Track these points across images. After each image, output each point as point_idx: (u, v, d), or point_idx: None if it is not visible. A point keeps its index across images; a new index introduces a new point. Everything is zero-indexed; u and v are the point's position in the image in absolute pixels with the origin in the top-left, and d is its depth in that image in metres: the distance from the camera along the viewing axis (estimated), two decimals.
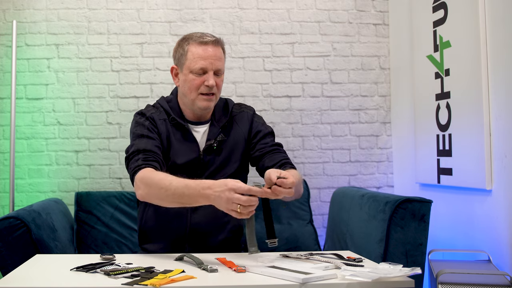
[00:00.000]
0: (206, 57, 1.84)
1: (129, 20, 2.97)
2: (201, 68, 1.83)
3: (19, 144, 2.87)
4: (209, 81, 1.83)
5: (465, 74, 2.29)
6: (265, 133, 1.96)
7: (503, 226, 2.05)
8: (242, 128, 1.96)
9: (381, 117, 3.09)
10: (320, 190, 3.03)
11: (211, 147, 1.89)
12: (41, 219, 2.14)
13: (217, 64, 1.85)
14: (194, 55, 1.84)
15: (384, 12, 3.10)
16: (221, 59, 1.87)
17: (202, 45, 1.85)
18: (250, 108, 2.04)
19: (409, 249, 2.02)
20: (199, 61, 1.84)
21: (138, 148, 1.81)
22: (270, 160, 1.89)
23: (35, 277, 1.39)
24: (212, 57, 1.84)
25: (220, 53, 1.87)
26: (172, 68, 1.94)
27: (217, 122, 1.94)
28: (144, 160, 1.77)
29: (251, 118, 1.99)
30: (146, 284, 1.25)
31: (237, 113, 1.99)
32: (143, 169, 1.74)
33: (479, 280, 1.82)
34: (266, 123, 2.03)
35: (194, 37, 1.87)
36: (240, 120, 1.97)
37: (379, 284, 1.29)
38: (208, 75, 1.84)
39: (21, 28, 2.90)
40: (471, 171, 2.24)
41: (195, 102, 1.87)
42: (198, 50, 1.84)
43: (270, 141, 1.96)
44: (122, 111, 2.94)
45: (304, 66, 3.05)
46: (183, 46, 1.89)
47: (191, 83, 1.85)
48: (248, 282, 1.31)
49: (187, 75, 1.86)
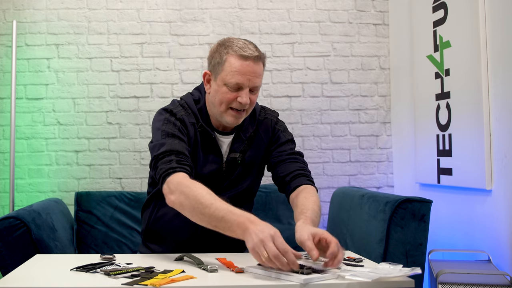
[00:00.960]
0: (244, 73, 1.69)
1: (129, 20, 2.97)
2: (237, 83, 1.70)
3: (19, 144, 2.87)
4: (243, 99, 1.70)
5: (465, 74, 2.29)
6: (283, 141, 1.88)
7: (503, 226, 2.05)
8: (264, 138, 1.89)
9: (381, 117, 3.09)
10: (320, 190, 3.03)
11: (235, 160, 1.82)
12: (41, 219, 2.14)
13: (254, 81, 1.71)
14: (232, 68, 1.70)
15: (384, 12, 3.10)
16: (260, 75, 1.73)
17: (242, 59, 1.70)
18: (274, 114, 1.95)
19: (409, 249, 2.02)
20: (236, 76, 1.70)
21: (171, 148, 1.67)
22: (283, 170, 1.81)
23: (35, 277, 1.39)
24: (251, 73, 1.70)
25: (260, 69, 1.73)
26: (205, 73, 1.80)
27: (243, 132, 1.85)
28: (178, 162, 1.64)
29: (274, 126, 1.91)
30: (146, 284, 1.25)
31: (261, 121, 1.90)
32: (178, 173, 1.61)
33: (479, 280, 1.82)
34: (288, 130, 1.95)
35: (235, 48, 1.72)
36: (263, 129, 1.89)
37: (379, 284, 1.28)
38: (243, 92, 1.71)
39: (21, 28, 2.90)
40: (471, 171, 2.24)
41: (223, 116, 1.76)
42: (237, 64, 1.70)
43: (289, 149, 1.87)
44: (122, 111, 2.94)
45: (304, 66, 3.05)
46: (221, 53, 1.74)
47: (222, 96, 1.73)
48: (248, 282, 1.30)
49: (221, 87, 1.73)
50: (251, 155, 1.86)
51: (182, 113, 1.78)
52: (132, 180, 2.93)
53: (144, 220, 1.93)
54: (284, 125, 1.95)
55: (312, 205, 1.64)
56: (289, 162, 1.83)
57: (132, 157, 2.92)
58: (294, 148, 1.89)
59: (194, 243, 1.81)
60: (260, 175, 1.93)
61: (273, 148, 1.88)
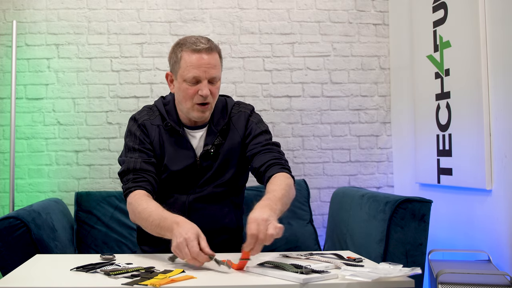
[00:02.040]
0: (199, 66, 1.76)
1: (129, 20, 2.97)
2: (194, 77, 1.77)
3: (19, 144, 2.87)
4: (203, 91, 1.77)
5: (465, 74, 2.29)
6: (257, 132, 1.90)
7: (503, 226, 2.05)
8: (239, 130, 1.91)
9: (381, 117, 3.09)
10: (320, 190, 3.03)
11: (208, 152, 1.85)
12: (41, 219, 2.14)
13: (211, 72, 1.78)
14: (187, 63, 1.77)
15: (384, 12, 3.10)
16: (216, 66, 1.79)
17: (195, 53, 1.77)
18: (248, 107, 1.98)
19: (409, 249, 2.02)
20: (191, 70, 1.77)
21: (128, 167, 1.80)
22: (258, 161, 1.84)
23: (35, 277, 1.39)
24: (205, 65, 1.77)
25: (214, 60, 1.79)
26: (167, 74, 1.88)
27: (215, 125, 1.89)
28: (134, 181, 1.77)
29: (247, 118, 1.93)
30: (146, 284, 1.25)
31: (235, 114, 1.94)
32: (132, 192, 1.75)
33: (479, 280, 1.82)
34: (263, 122, 1.97)
35: (188, 44, 1.80)
36: (236, 122, 1.92)
37: (379, 284, 1.28)
38: (201, 84, 1.77)
39: (21, 28, 2.90)
40: (471, 171, 2.24)
41: (190, 112, 1.82)
42: (191, 58, 1.77)
43: (264, 140, 1.89)
44: (122, 111, 2.94)
45: (304, 66, 3.05)
46: (176, 52, 1.83)
47: (185, 92, 1.80)
48: (248, 282, 1.30)
49: (181, 84, 1.80)
50: (227, 147, 1.88)
51: (144, 118, 1.89)
52: None
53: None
54: (259, 117, 1.98)
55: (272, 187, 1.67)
56: (264, 153, 1.85)
57: None
58: (269, 139, 1.91)
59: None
60: (243, 167, 1.94)
61: (248, 140, 1.90)
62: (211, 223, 1.84)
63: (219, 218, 1.87)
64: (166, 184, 1.88)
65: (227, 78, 2.98)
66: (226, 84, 2.98)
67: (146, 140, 1.85)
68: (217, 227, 1.87)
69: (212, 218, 1.85)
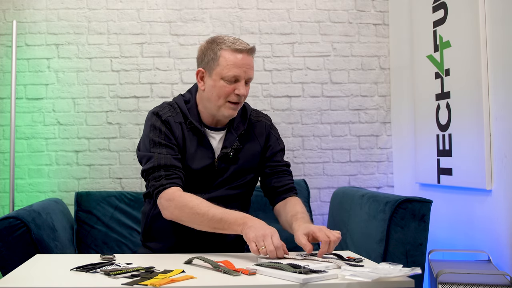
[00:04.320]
0: (240, 65, 1.78)
1: (129, 20, 2.97)
2: (234, 76, 1.78)
3: (19, 144, 2.87)
4: (240, 90, 1.79)
5: (465, 74, 2.29)
6: (277, 150, 1.96)
7: (503, 226, 2.05)
8: (259, 139, 1.94)
9: (381, 117, 3.09)
10: (320, 190, 3.03)
11: (227, 155, 1.86)
12: (41, 219, 2.14)
13: (250, 73, 1.81)
14: (228, 62, 1.78)
15: (384, 12, 3.10)
16: (252, 68, 1.84)
17: (236, 53, 1.78)
18: (267, 117, 2.03)
19: (409, 249, 2.02)
20: (232, 69, 1.77)
21: (159, 163, 1.77)
22: (277, 181, 1.92)
23: (35, 277, 1.39)
24: (246, 65, 1.79)
25: (252, 61, 1.83)
26: (198, 71, 1.85)
27: (235, 129, 1.90)
28: (167, 178, 1.75)
29: (268, 130, 1.98)
30: (146, 284, 1.25)
31: (254, 121, 1.96)
32: (168, 189, 1.73)
33: (479, 280, 1.82)
34: (281, 138, 2.03)
35: (228, 43, 1.80)
36: (257, 130, 1.95)
37: (379, 284, 1.28)
38: (239, 84, 1.79)
39: (21, 28, 2.90)
40: (471, 171, 2.24)
41: (221, 109, 1.82)
42: (232, 57, 1.78)
43: (282, 159, 1.97)
44: (122, 111, 2.94)
45: (304, 66, 3.05)
46: (214, 50, 1.81)
47: (220, 90, 1.79)
48: (248, 282, 1.30)
49: (217, 81, 1.79)
50: (246, 153, 1.90)
51: (167, 115, 1.86)
52: (132, 180, 2.93)
53: (143, 219, 1.96)
54: (277, 131, 2.04)
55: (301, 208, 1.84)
56: (284, 175, 1.95)
57: (132, 157, 2.92)
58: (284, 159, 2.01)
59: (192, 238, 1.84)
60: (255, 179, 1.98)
61: (269, 155, 1.95)
62: None
63: None
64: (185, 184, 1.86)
65: None
66: None
67: (171, 136, 1.83)
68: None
69: None
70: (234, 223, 1.62)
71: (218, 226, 1.65)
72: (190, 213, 1.69)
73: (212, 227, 1.67)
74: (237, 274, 1.36)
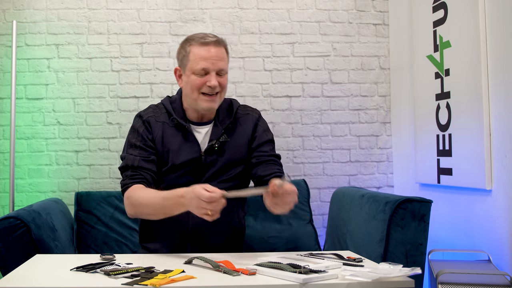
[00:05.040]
0: (207, 58, 1.83)
1: (129, 20, 2.97)
2: (202, 69, 1.83)
3: (19, 144, 2.87)
4: (211, 82, 1.83)
5: (465, 74, 2.29)
6: (264, 140, 1.96)
7: (503, 226, 2.05)
8: (246, 131, 1.96)
9: (381, 117, 3.09)
10: (320, 190, 3.03)
11: (213, 147, 1.89)
12: (41, 219, 2.14)
13: (219, 64, 1.85)
14: (196, 56, 1.84)
15: (384, 12, 3.10)
16: (224, 59, 1.87)
17: (204, 46, 1.84)
18: (256, 111, 2.03)
19: (409, 249, 2.02)
20: (200, 62, 1.83)
21: (127, 164, 1.86)
22: (264, 170, 1.90)
23: (35, 277, 1.39)
24: (213, 57, 1.84)
25: (222, 53, 1.87)
26: (176, 69, 1.94)
27: (221, 123, 1.93)
28: (131, 178, 1.83)
29: (256, 121, 1.98)
30: (146, 284, 1.25)
31: (242, 115, 1.98)
32: (129, 188, 1.81)
33: (479, 280, 1.82)
34: (270, 130, 2.02)
35: (196, 38, 1.87)
36: (244, 122, 1.97)
37: (379, 284, 1.29)
38: (210, 76, 1.83)
39: (21, 28, 2.90)
40: (471, 171, 2.24)
41: (198, 103, 1.87)
42: (200, 51, 1.84)
43: (269, 149, 1.95)
44: (122, 111, 2.94)
45: (304, 66, 3.05)
46: (185, 47, 1.89)
47: (193, 84, 1.85)
48: (248, 282, 1.30)
49: (190, 76, 1.86)
50: (232, 145, 1.92)
51: (150, 115, 1.94)
52: None
53: (139, 220, 1.97)
54: (266, 124, 2.04)
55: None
56: (270, 163, 1.92)
57: None
58: (273, 149, 1.99)
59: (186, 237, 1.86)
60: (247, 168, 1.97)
61: (255, 146, 1.95)
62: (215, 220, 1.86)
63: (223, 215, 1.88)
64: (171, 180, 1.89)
65: None
66: None
67: (148, 137, 1.90)
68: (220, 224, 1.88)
69: None
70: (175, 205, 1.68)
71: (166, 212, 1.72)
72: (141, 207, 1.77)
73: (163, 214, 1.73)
74: (237, 274, 1.36)
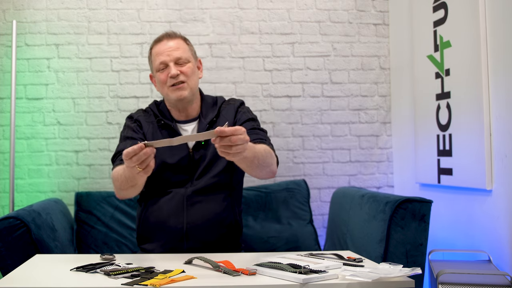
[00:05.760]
0: (163, 51, 1.92)
1: (129, 20, 2.97)
2: (161, 63, 1.92)
3: (19, 144, 2.87)
4: (171, 72, 1.89)
5: (465, 74, 2.29)
6: (244, 119, 1.98)
7: (503, 226, 2.05)
8: (229, 119, 1.99)
9: (381, 117, 3.09)
10: (320, 190, 3.03)
11: (199, 143, 1.92)
12: (41, 219, 2.14)
13: (174, 54, 1.91)
14: (154, 55, 1.96)
15: (384, 12, 3.10)
16: (179, 48, 1.93)
17: (158, 43, 1.96)
18: (238, 101, 2.07)
19: (409, 249, 2.02)
20: (157, 58, 1.93)
21: (118, 150, 1.92)
22: None
23: (35, 277, 1.39)
24: (167, 49, 1.92)
25: (176, 43, 1.94)
26: (150, 76, 2.07)
27: (205, 118, 1.97)
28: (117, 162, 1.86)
29: (236, 108, 2.02)
30: (146, 284, 1.25)
31: (225, 107, 2.03)
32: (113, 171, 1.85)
33: (479, 280, 1.82)
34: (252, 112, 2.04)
35: (154, 40, 2.00)
36: (227, 113, 2.01)
37: (379, 284, 1.29)
38: (169, 67, 1.90)
39: (21, 28, 2.90)
40: (471, 171, 2.24)
41: (169, 96, 1.93)
42: (156, 49, 1.95)
43: (251, 126, 1.94)
44: (122, 111, 2.94)
45: (304, 66, 3.05)
46: (149, 52, 2.02)
47: (159, 80, 1.94)
48: (248, 282, 1.30)
49: (156, 75, 1.96)
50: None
51: (139, 115, 2.03)
52: None
53: (137, 222, 1.99)
54: (248, 108, 2.06)
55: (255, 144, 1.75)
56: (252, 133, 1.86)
57: None
58: (257, 126, 1.97)
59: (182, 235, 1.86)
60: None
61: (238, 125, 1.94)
62: (210, 215, 1.87)
63: (218, 212, 1.90)
64: (164, 179, 1.92)
65: (227, 78, 2.98)
66: (226, 84, 2.98)
67: (140, 130, 1.97)
68: (216, 220, 1.89)
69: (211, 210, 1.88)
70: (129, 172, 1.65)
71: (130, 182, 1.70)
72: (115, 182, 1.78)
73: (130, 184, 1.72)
74: (237, 274, 1.36)
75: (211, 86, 2.97)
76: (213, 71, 2.99)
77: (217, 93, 2.96)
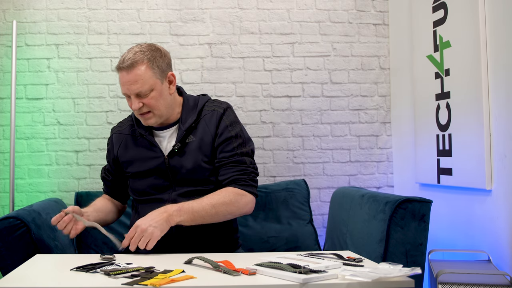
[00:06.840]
0: (123, 83, 1.84)
1: (129, 20, 2.97)
2: (124, 93, 1.87)
3: (19, 144, 2.87)
4: (132, 106, 1.85)
5: (465, 74, 2.29)
6: (226, 138, 1.89)
7: (503, 226, 2.05)
8: (210, 129, 1.90)
9: (381, 117, 3.09)
10: (320, 190, 3.03)
11: (173, 150, 1.88)
12: (41, 219, 2.14)
13: (133, 88, 1.82)
14: (119, 81, 1.88)
15: (384, 12, 3.10)
16: (138, 81, 1.81)
17: (120, 72, 1.85)
18: (222, 105, 1.96)
19: (409, 249, 2.02)
20: (121, 87, 1.87)
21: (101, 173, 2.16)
22: (222, 175, 1.87)
23: (35, 277, 1.39)
24: (126, 83, 1.83)
25: (134, 76, 1.81)
26: None
27: (183, 123, 1.90)
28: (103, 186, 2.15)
29: (220, 117, 1.91)
30: (146, 284, 1.25)
31: (208, 112, 1.93)
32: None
33: (479, 280, 1.82)
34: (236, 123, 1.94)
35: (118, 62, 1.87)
36: (209, 120, 1.91)
37: (379, 284, 1.29)
38: (131, 100, 1.85)
39: (21, 28, 2.90)
40: (471, 171, 2.24)
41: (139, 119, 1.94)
42: (119, 76, 1.86)
43: (232, 148, 1.88)
44: (122, 111, 2.94)
45: (304, 66, 3.05)
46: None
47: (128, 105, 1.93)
48: (248, 282, 1.30)
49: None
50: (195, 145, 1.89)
51: (116, 130, 2.08)
52: None
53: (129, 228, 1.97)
54: (232, 117, 1.95)
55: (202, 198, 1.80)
56: (229, 166, 1.87)
57: None
58: (238, 146, 1.90)
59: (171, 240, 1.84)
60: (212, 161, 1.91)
61: (217, 145, 1.90)
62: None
63: None
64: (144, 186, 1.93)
65: (227, 78, 2.98)
66: (226, 84, 2.98)
67: (112, 151, 2.04)
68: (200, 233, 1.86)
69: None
70: None
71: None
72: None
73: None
74: (237, 274, 1.36)
75: (211, 86, 2.97)
76: (213, 71, 2.99)
77: (217, 93, 2.97)
